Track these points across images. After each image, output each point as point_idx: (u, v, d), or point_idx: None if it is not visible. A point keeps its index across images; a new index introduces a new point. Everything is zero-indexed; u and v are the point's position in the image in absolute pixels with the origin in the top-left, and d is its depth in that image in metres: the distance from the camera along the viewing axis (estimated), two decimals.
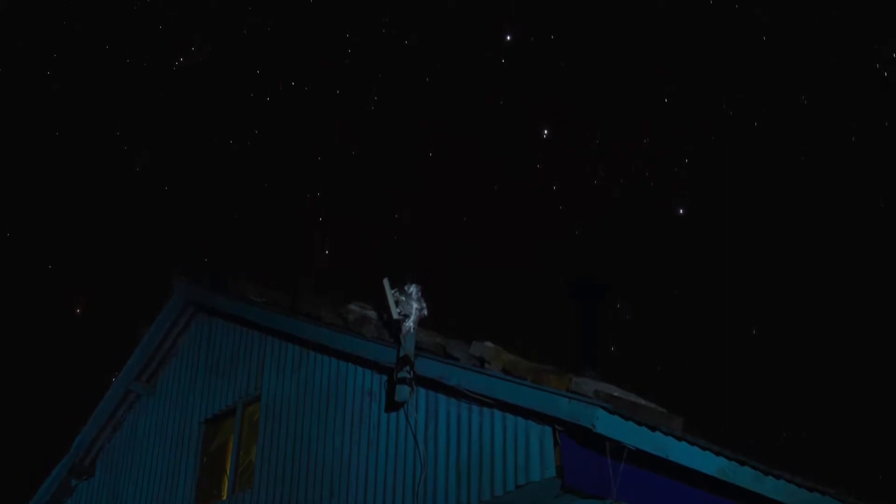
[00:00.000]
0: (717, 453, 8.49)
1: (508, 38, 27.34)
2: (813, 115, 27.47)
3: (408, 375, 9.55)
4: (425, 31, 29.82)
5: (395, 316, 9.90)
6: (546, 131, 27.95)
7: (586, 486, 8.17)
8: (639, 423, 8.09)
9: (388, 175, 30.60)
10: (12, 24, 29.30)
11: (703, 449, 8.41)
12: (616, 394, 8.36)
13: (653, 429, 8.15)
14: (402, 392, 9.58)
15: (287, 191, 30.02)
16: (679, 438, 8.27)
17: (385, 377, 10.18)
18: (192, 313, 13.78)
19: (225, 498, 12.17)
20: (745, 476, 8.69)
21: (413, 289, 10.04)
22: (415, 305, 9.94)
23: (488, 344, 9.59)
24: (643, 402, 8.58)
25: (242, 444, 12.22)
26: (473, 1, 29.66)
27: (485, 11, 29.59)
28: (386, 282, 10.11)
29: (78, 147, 30.98)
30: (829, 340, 26.12)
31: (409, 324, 9.83)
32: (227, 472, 12.34)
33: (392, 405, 9.90)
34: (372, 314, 10.93)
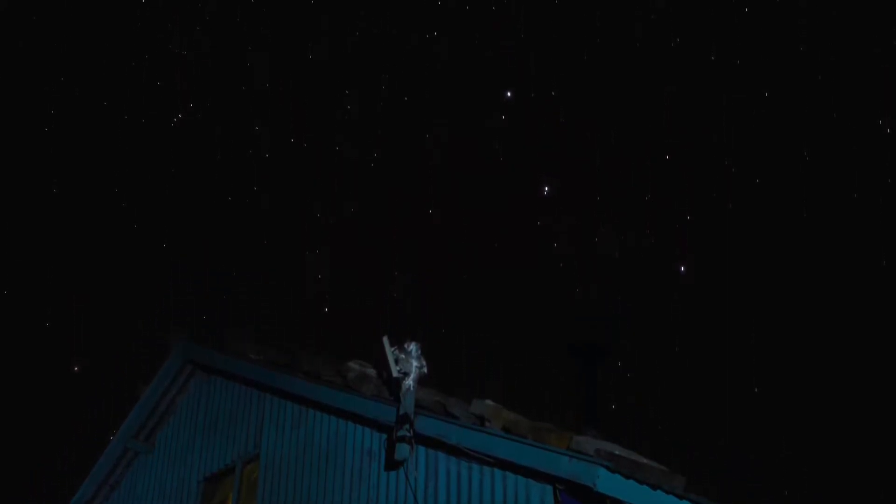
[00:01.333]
0: None
1: (508, 94, 27.47)
2: (815, 171, 27.58)
3: (407, 434, 9.51)
4: (424, 88, 30.00)
5: (395, 374, 9.88)
6: (546, 188, 28.03)
7: None
8: (640, 482, 8.05)
9: (388, 233, 30.68)
10: (7, 83, 29.50)
11: None
12: (617, 452, 8.32)
13: (654, 488, 8.11)
14: (402, 451, 9.54)
15: (286, 248, 30.06)
16: (680, 497, 8.23)
17: (385, 435, 10.13)
18: (191, 371, 13.74)
19: None
20: None
21: (413, 347, 10.03)
22: (414, 363, 9.92)
23: (489, 402, 9.56)
24: (644, 460, 8.54)
25: (241, 503, 12.14)
26: (472, 58, 29.87)
27: (484, 69, 29.79)
28: (385, 340, 10.10)
29: (77, 205, 31.08)
30: (832, 399, 26.06)
31: (409, 382, 9.81)
32: None
33: (392, 464, 9.84)
34: (371, 372, 10.90)
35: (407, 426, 9.53)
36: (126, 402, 14.26)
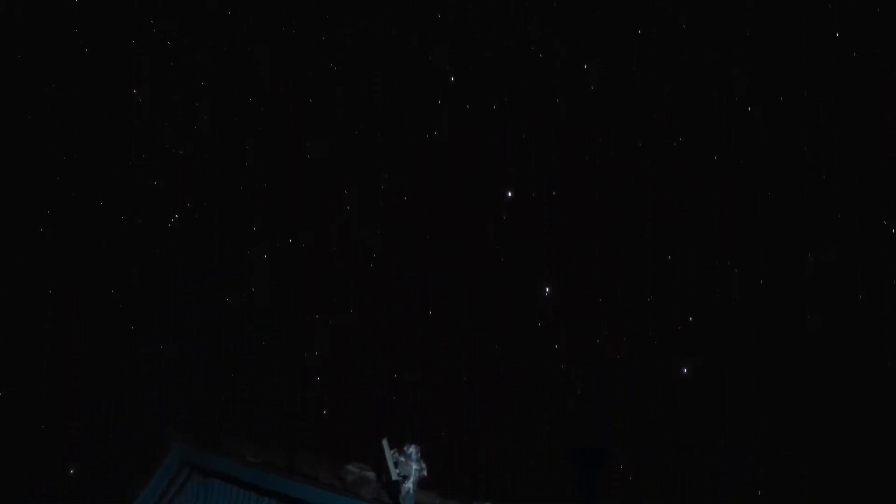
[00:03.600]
0: None
1: (509, 193, 27.61)
2: (820, 272, 27.61)
3: None
4: (423, 186, 30.20)
5: (394, 477, 9.87)
6: (548, 289, 28.03)
7: None
8: None
9: (387, 335, 30.63)
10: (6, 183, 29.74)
11: None
12: None
13: None
14: None
15: (285, 349, 29.98)
16: None
17: None
18: (188, 474, 13.61)
19: None
20: None
21: (412, 449, 10.02)
22: (414, 466, 9.90)
23: None
24: None
25: None
26: (472, 157, 30.10)
27: (484, 167, 30.02)
28: (385, 442, 10.09)
29: (72, 306, 31.10)
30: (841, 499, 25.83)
31: (409, 485, 9.79)
32: None
33: None
34: (371, 475, 10.84)
35: None
36: None
